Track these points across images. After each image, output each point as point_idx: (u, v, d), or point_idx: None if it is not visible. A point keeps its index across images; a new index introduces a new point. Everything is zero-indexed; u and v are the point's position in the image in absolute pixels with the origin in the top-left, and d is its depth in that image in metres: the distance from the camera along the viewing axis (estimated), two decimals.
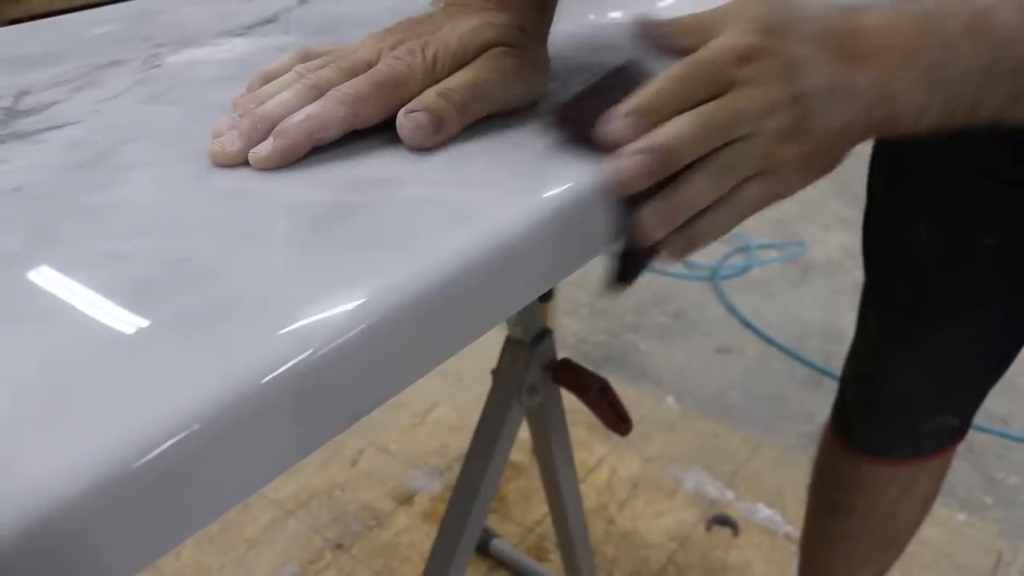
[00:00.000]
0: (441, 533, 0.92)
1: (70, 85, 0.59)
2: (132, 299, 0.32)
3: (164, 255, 0.36)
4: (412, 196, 0.40)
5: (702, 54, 0.40)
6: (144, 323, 0.31)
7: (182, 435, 0.27)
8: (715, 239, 0.42)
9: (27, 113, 0.54)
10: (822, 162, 0.42)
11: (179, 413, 0.27)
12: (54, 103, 0.55)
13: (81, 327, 0.31)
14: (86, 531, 0.25)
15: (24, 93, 0.58)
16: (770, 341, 1.95)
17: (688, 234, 0.41)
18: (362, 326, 0.31)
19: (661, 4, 0.93)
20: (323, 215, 0.38)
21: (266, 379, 0.28)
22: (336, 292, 0.32)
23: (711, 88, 0.39)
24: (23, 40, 0.71)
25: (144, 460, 0.26)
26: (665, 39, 0.43)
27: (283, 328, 0.30)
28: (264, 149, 0.42)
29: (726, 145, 0.40)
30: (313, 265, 0.34)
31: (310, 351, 0.30)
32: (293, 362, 0.29)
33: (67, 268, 0.35)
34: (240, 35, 0.68)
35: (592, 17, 0.69)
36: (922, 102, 0.40)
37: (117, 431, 0.26)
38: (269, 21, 0.71)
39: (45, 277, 0.35)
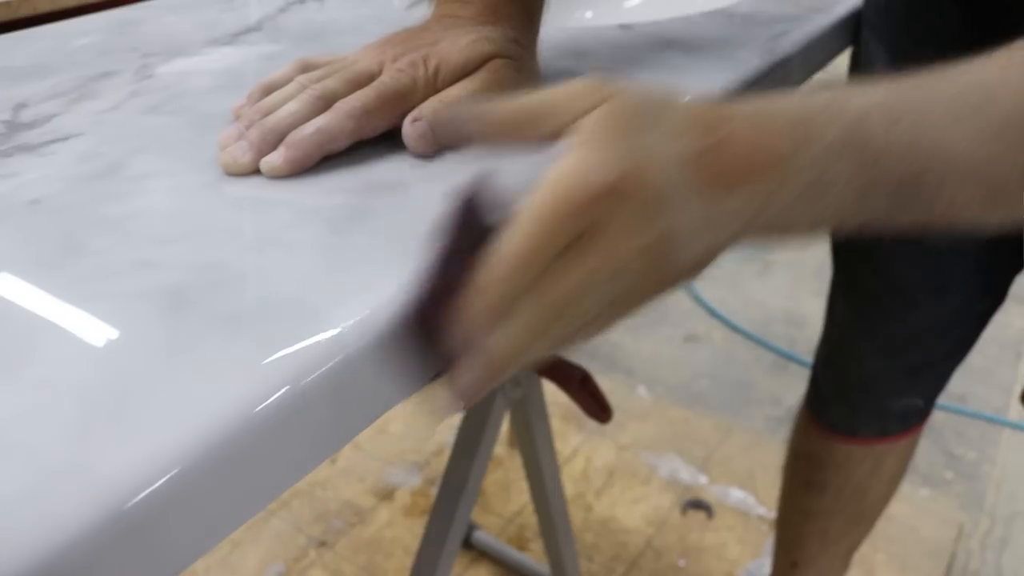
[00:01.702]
0: (429, 526, 0.94)
1: (66, 97, 0.60)
2: (172, 303, 0.35)
3: (193, 261, 0.38)
4: (420, 197, 0.42)
5: (550, 203, 0.32)
6: (188, 326, 0.33)
7: (234, 430, 0.29)
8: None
9: (29, 126, 0.55)
10: (683, 282, 0.37)
11: (232, 410, 0.29)
12: (54, 115, 0.57)
13: (128, 332, 0.33)
14: (162, 518, 0.27)
15: (22, 106, 0.59)
16: (736, 329, 1.99)
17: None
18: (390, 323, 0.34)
19: (628, 4, 0.96)
20: (339, 218, 0.40)
21: (311, 378, 0.31)
22: (365, 291, 0.35)
23: (561, 246, 0.33)
24: (8, 52, 0.72)
25: (203, 452, 0.28)
26: (517, 133, 0.37)
27: (322, 328, 0.32)
28: (276, 159, 0.44)
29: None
30: (339, 266, 0.37)
31: (346, 352, 0.32)
32: (332, 363, 0.32)
33: (102, 276, 0.37)
34: (227, 44, 0.69)
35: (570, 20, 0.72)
36: (797, 219, 0.37)
37: (181, 428, 0.28)
38: (254, 29, 0.73)
39: (82, 286, 0.36)
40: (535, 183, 0.33)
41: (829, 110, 0.36)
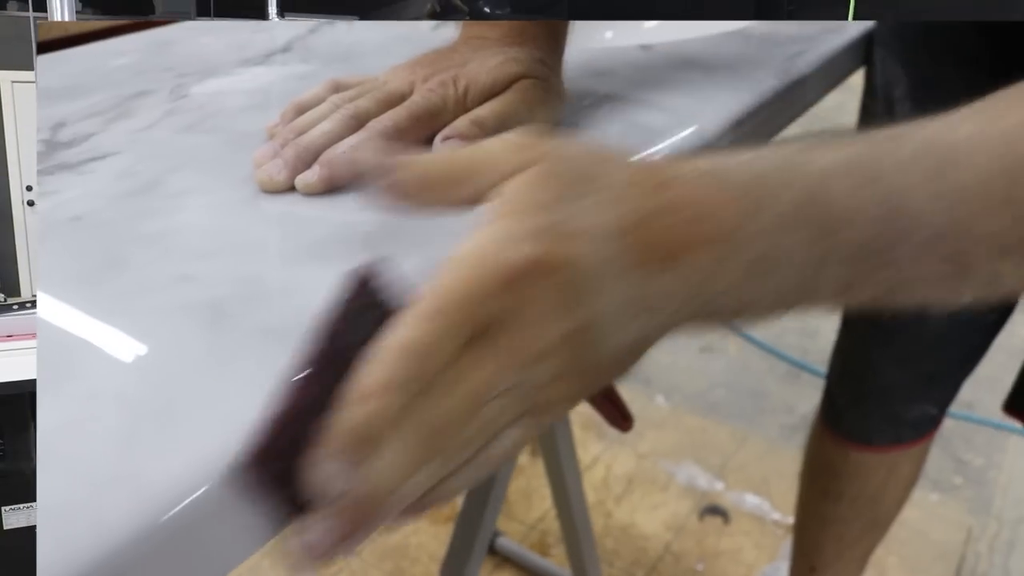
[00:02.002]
0: (456, 533, 0.95)
1: (103, 116, 0.62)
2: (212, 316, 0.36)
3: (231, 276, 0.39)
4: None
5: (450, 289, 0.27)
6: (227, 339, 0.35)
7: None
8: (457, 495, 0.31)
9: (67, 145, 0.57)
10: (610, 379, 0.32)
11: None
12: (92, 134, 0.59)
13: (169, 345, 0.35)
14: (203, 527, 0.28)
15: (60, 125, 0.61)
16: (750, 339, 2.00)
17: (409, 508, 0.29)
18: None
19: (647, 25, 0.98)
20: (371, 233, 0.42)
21: None
22: None
23: (461, 342, 0.27)
24: (44, 73, 0.75)
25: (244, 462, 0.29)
26: (430, 193, 0.32)
27: None
28: (311, 177, 0.45)
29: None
30: None
31: None
32: None
33: (142, 291, 0.38)
34: (259, 64, 0.71)
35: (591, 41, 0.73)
36: (745, 298, 0.31)
37: (222, 439, 0.29)
38: (285, 50, 0.75)
39: (123, 300, 0.38)
40: (439, 263, 0.28)
41: (786, 172, 0.32)
